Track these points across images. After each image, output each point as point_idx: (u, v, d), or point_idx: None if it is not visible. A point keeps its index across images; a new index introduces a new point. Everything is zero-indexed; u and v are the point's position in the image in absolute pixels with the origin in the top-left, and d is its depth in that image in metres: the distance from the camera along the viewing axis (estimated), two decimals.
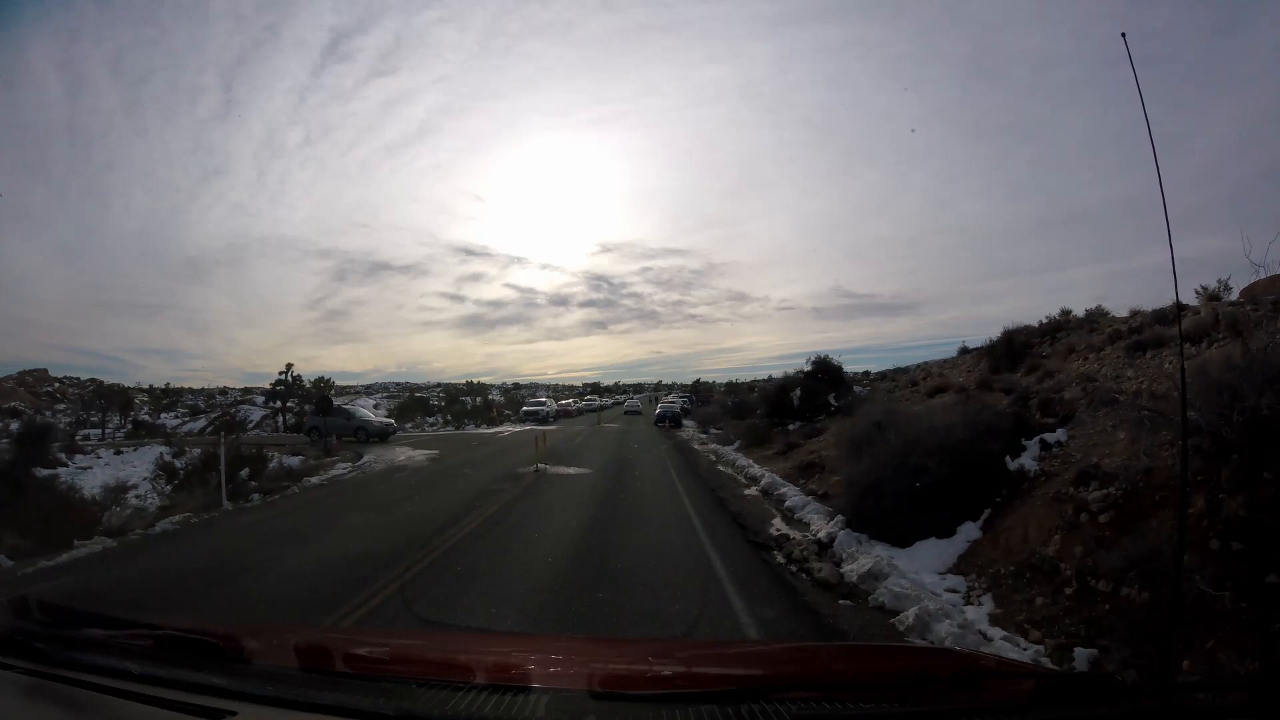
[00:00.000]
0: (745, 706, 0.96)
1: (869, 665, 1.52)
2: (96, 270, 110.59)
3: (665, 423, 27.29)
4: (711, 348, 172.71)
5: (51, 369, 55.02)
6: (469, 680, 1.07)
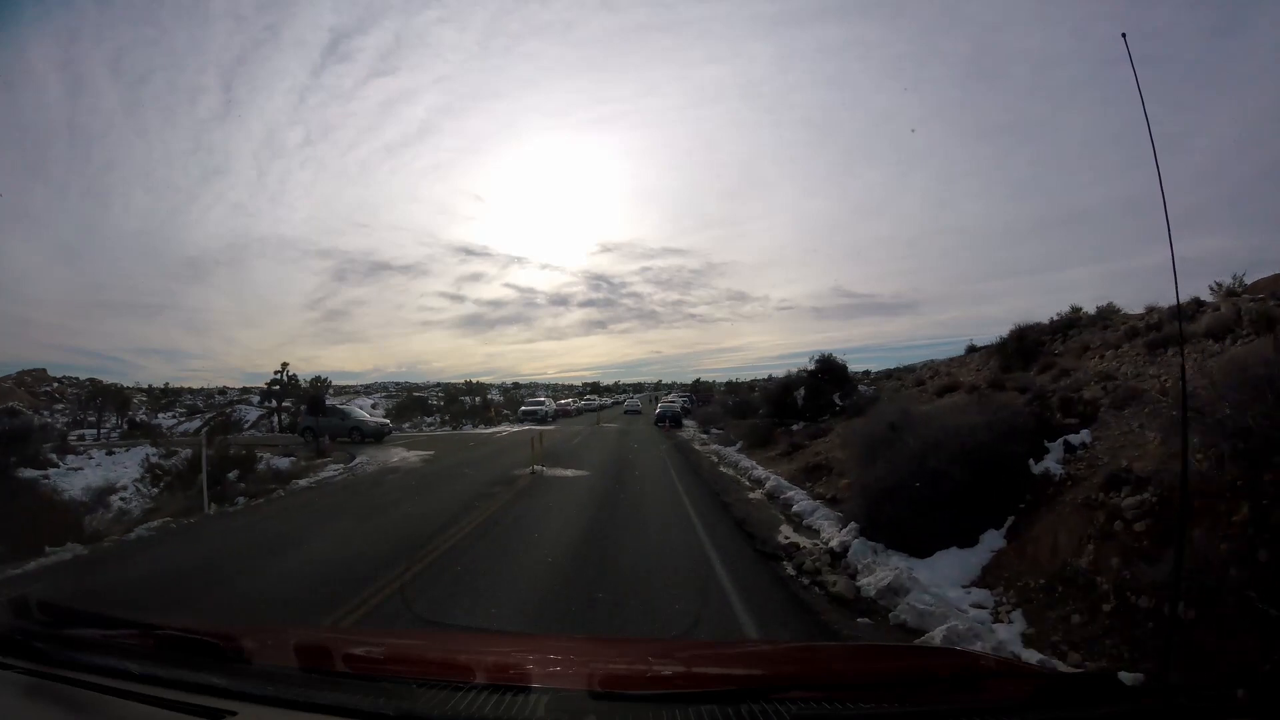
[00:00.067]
0: (745, 706, 0.95)
1: (869, 665, 1.52)
2: (96, 270, 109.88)
3: (665, 423, 27.05)
4: (711, 347, 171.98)
5: (51, 369, 54.63)
6: (469, 680, 1.07)
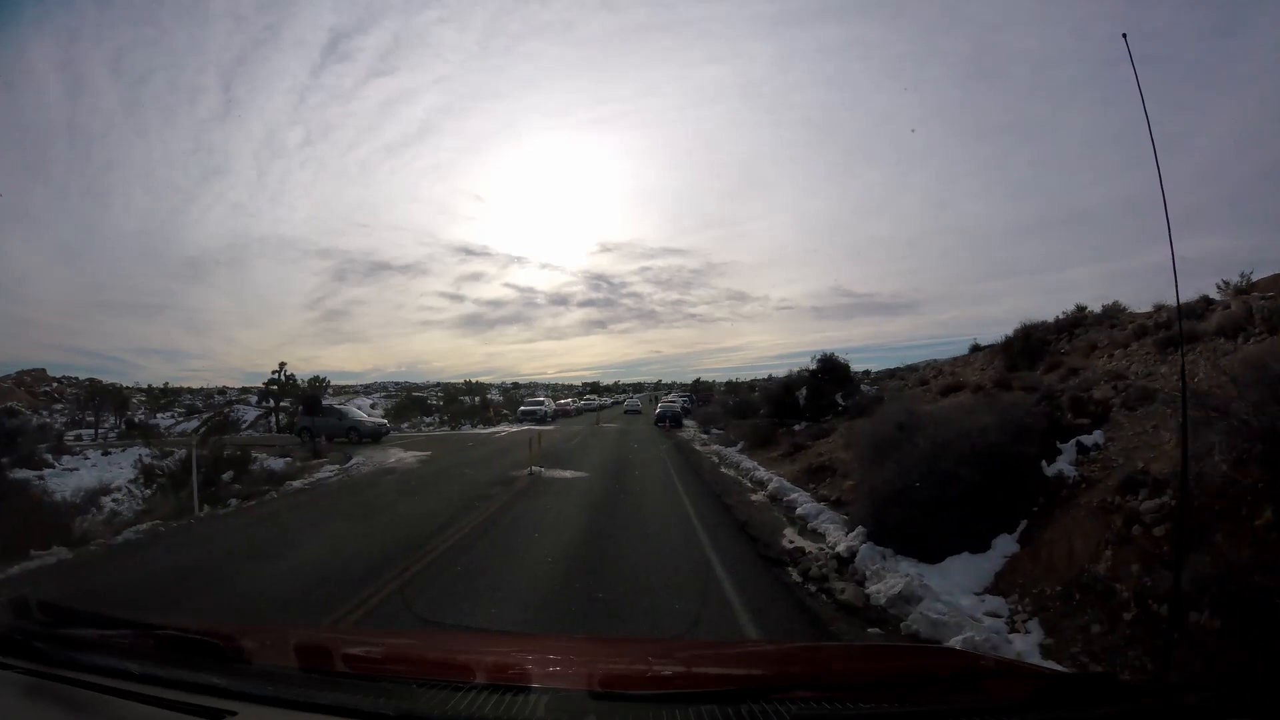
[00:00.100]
0: (745, 706, 0.95)
1: (869, 665, 1.52)
2: (96, 270, 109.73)
3: (665, 422, 26.92)
4: (711, 347, 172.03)
5: (51, 369, 54.48)
6: (469, 680, 1.06)
